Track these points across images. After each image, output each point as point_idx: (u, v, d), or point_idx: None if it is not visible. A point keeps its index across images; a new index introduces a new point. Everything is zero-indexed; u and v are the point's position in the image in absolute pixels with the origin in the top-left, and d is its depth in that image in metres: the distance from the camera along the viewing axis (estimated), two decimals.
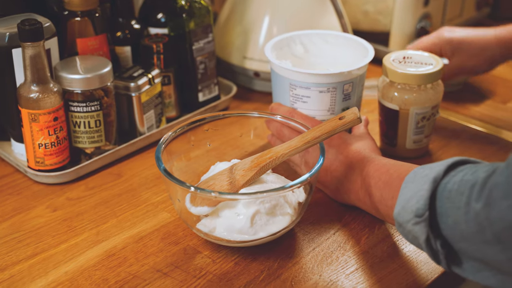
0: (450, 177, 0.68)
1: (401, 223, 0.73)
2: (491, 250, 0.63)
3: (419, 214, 0.70)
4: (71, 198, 0.94)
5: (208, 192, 0.80)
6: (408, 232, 0.73)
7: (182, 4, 1.08)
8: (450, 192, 0.67)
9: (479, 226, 0.62)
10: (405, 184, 0.74)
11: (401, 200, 0.73)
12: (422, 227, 0.70)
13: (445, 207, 0.67)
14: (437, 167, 0.71)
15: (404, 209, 0.72)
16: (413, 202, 0.71)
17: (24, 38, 0.89)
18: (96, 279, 0.80)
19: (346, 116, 0.83)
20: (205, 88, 1.13)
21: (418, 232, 0.70)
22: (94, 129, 0.98)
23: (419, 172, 0.73)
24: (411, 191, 0.72)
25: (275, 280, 0.79)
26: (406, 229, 0.72)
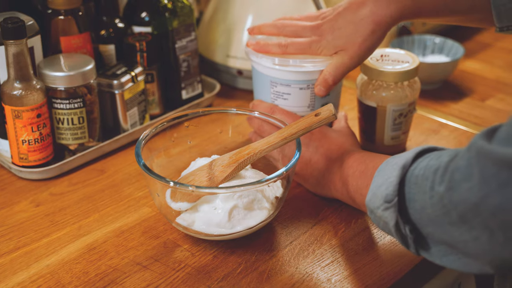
0: (417, 163, 0.71)
1: (372, 209, 0.76)
2: (457, 231, 0.65)
3: (388, 200, 0.73)
4: (55, 194, 0.95)
5: (186, 186, 0.82)
6: (378, 218, 0.76)
7: (165, 3, 1.10)
8: (416, 177, 0.70)
9: (444, 208, 0.65)
10: (378, 172, 0.77)
11: (372, 187, 0.76)
12: (391, 213, 0.72)
13: (413, 192, 0.70)
14: (406, 155, 0.74)
15: (375, 195, 0.75)
16: (383, 189, 0.74)
17: (7, 36, 0.90)
18: (76, 272, 0.81)
19: (321, 113, 0.85)
20: (188, 86, 1.15)
21: (388, 218, 0.73)
22: (77, 126, 1.00)
23: (390, 161, 0.76)
24: (382, 179, 0.75)
25: (252, 272, 0.81)
26: (377, 215, 0.75)
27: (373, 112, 1.00)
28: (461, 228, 0.64)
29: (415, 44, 1.29)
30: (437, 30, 1.41)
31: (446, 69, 1.23)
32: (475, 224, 0.62)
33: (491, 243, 0.61)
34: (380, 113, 1.00)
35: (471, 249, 0.65)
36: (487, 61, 1.37)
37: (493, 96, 1.23)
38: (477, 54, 1.40)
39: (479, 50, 1.41)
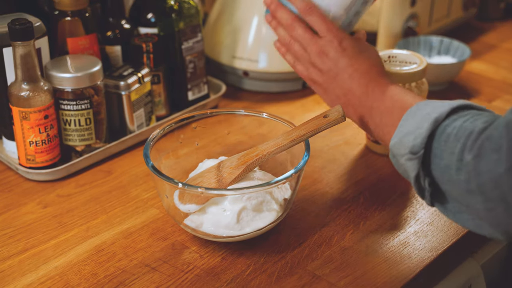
0: (451, 121, 0.69)
1: (395, 155, 0.75)
2: (473, 199, 0.65)
3: (414, 151, 0.71)
4: (62, 195, 0.95)
5: (195, 188, 0.81)
6: (400, 165, 0.75)
7: (172, 5, 1.10)
8: (448, 136, 0.68)
9: (466, 175, 0.64)
10: (406, 116, 0.74)
11: (399, 132, 0.74)
12: (415, 164, 0.71)
13: (441, 149, 0.69)
14: (441, 108, 0.71)
15: (401, 142, 0.73)
16: (410, 138, 0.72)
17: (15, 37, 0.90)
18: (85, 273, 0.81)
19: (330, 115, 0.84)
20: (194, 87, 1.15)
21: (410, 168, 0.72)
22: (84, 127, 0.99)
23: (422, 108, 0.73)
24: (411, 126, 0.73)
25: (261, 274, 0.81)
26: (399, 161, 0.74)
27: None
28: (477, 197, 0.64)
29: (421, 45, 1.29)
30: (443, 31, 1.41)
31: (453, 70, 1.22)
32: (493, 196, 0.62)
33: (506, 216, 0.62)
34: None
35: (483, 217, 0.66)
36: (493, 62, 1.37)
37: (499, 97, 1.23)
38: (482, 55, 1.39)
39: (484, 51, 1.41)
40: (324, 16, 0.89)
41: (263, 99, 1.23)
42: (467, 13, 1.48)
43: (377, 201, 0.94)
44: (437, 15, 1.38)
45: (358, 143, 1.08)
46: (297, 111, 1.19)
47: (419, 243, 0.86)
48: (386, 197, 0.94)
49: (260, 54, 1.21)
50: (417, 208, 0.92)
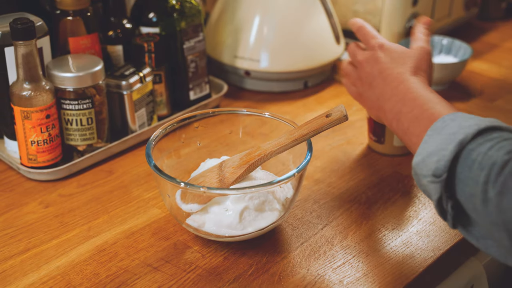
0: (476, 145, 0.67)
1: (417, 173, 0.72)
2: (498, 233, 0.63)
3: (437, 174, 0.69)
4: (63, 195, 0.95)
5: (198, 187, 0.81)
6: (422, 185, 0.72)
7: (173, 4, 1.10)
8: (473, 162, 0.66)
9: (491, 209, 0.63)
10: (431, 132, 0.72)
11: (422, 150, 0.71)
12: (437, 187, 0.69)
13: (465, 175, 0.66)
14: (467, 129, 0.68)
15: (424, 162, 0.71)
16: (433, 159, 0.69)
17: (17, 37, 0.90)
18: (87, 273, 0.81)
19: (333, 114, 0.84)
20: (196, 87, 1.15)
21: (432, 191, 0.70)
22: (86, 126, 0.99)
23: (448, 126, 0.70)
24: (435, 145, 0.70)
25: (264, 274, 0.81)
26: (421, 181, 0.72)
27: None
28: (502, 233, 0.63)
29: None
30: (444, 30, 1.41)
31: (455, 69, 1.22)
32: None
33: None
34: None
35: (510, 251, 0.64)
36: (495, 62, 1.37)
37: (501, 97, 1.23)
38: (484, 54, 1.39)
39: (486, 50, 1.41)
40: (371, 29, 0.93)
41: (264, 98, 1.22)
42: (468, 13, 1.48)
43: (379, 200, 0.94)
44: (439, 14, 1.38)
45: (360, 142, 1.08)
46: (299, 110, 1.18)
47: (421, 243, 0.86)
48: (388, 197, 0.94)
49: (262, 54, 1.21)
50: (419, 207, 0.92)
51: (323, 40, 1.24)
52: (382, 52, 0.89)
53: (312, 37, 1.22)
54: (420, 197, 0.94)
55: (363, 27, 0.94)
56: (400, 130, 0.81)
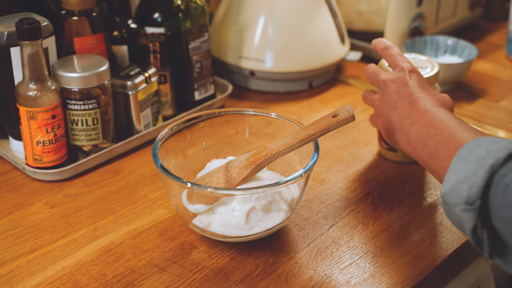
0: (508, 169, 0.64)
1: (448, 203, 0.69)
2: None
3: (470, 202, 0.66)
4: (69, 195, 0.95)
5: (205, 188, 0.81)
6: (453, 214, 0.69)
7: (178, 4, 1.09)
8: (506, 187, 0.63)
9: None
10: (458, 159, 0.69)
11: (451, 177, 0.69)
12: (471, 216, 0.66)
13: (499, 200, 0.64)
14: (496, 153, 0.66)
15: (455, 190, 0.68)
16: (465, 186, 0.67)
17: (22, 37, 0.90)
18: (94, 274, 0.81)
19: (339, 114, 0.84)
20: (201, 87, 1.15)
21: (466, 220, 0.67)
22: (91, 127, 0.99)
23: (475, 151, 0.68)
24: (464, 172, 0.67)
25: (271, 274, 0.80)
26: (453, 211, 0.69)
27: None
28: None
29: (428, 45, 1.29)
30: (449, 31, 1.41)
31: (460, 70, 1.22)
32: None
33: None
34: None
35: None
36: (499, 62, 1.37)
37: (507, 97, 1.23)
38: (488, 55, 1.39)
39: (490, 51, 1.41)
40: (400, 52, 0.92)
41: (269, 99, 1.22)
42: (473, 13, 1.48)
43: (385, 201, 0.93)
44: (444, 15, 1.38)
45: (366, 143, 1.08)
46: (304, 111, 1.18)
47: (428, 244, 0.85)
48: (395, 197, 0.94)
49: (267, 54, 1.21)
50: (425, 208, 0.92)
51: (327, 40, 1.23)
52: (413, 76, 0.87)
53: (317, 37, 1.22)
54: (426, 198, 0.94)
55: (390, 47, 0.93)
56: (425, 153, 0.78)
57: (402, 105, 0.85)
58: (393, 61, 0.91)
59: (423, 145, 0.79)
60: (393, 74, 0.89)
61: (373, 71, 0.92)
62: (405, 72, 0.88)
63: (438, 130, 0.77)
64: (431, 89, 0.87)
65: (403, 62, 0.90)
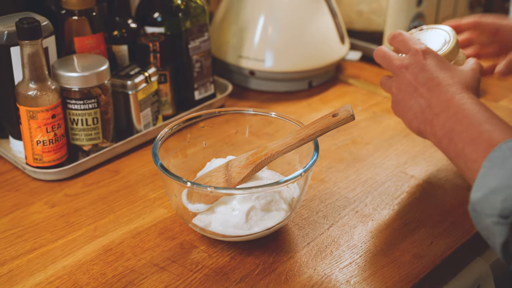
0: None
1: (478, 212, 0.65)
2: None
3: (504, 215, 0.62)
4: (69, 195, 0.95)
5: (205, 187, 0.81)
6: (482, 224, 0.66)
7: (178, 4, 1.10)
8: None
9: None
10: (490, 164, 0.65)
11: (483, 185, 0.65)
12: (504, 230, 0.63)
13: None
14: None
15: (487, 199, 0.64)
16: (499, 198, 0.63)
17: (23, 37, 0.90)
18: (94, 273, 0.81)
19: (339, 114, 0.84)
20: (201, 87, 1.15)
21: (497, 233, 0.64)
22: (91, 126, 0.99)
23: (510, 157, 0.64)
24: (498, 180, 0.64)
25: (270, 274, 0.81)
26: (483, 221, 0.65)
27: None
28: None
29: None
30: None
31: None
32: None
33: None
34: None
35: None
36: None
37: (506, 97, 1.23)
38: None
39: None
40: (409, 36, 0.86)
41: (269, 98, 1.22)
42: (473, 13, 1.48)
43: (385, 200, 0.93)
44: (443, 14, 1.38)
45: (365, 142, 1.08)
46: (304, 110, 1.18)
47: (428, 243, 0.85)
48: (394, 197, 0.94)
49: (266, 54, 1.21)
50: (425, 208, 0.92)
51: (327, 40, 1.24)
52: (429, 58, 0.81)
53: (317, 37, 1.22)
54: (426, 197, 0.94)
55: (400, 34, 0.87)
56: (452, 150, 0.74)
57: (421, 92, 0.79)
58: (405, 46, 0.85)
59: (448, 141, 0.74)
60: (407, 59, 0.83)
61: (384, 55, 0.86)
62: (419, 55, 0.81)
63: (464, 126, 0.72)
64: (451, 68, 0.81)
65: (415, 44, 0.83)
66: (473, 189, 0.66)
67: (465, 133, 0.72)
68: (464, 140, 0.72)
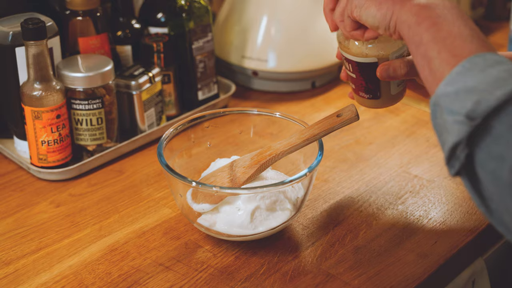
0: None
1: (441, 106, 0.61)
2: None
3: (471, 117, 0.58)
4: (74, 194, 0.95)
5: (210, 187, 0.82)
6: (441, 120, 0.61)
7: (182, 4, 1.10)
8: None
9: None
10: (471, 65, 0.60)
11: (457, 81, 0.60)
12: (463, 130, 0.58)
13: (502, 132, 0.57)
14: None
15: (458, 96, 0.59)
16: (472, 98, 0.58)
17: (28, 37, 0.90)
18: (99, 272, 0.81)
19: (343, 114, 0.84)
20: (204, 87, 1.15)
21: (455, 131, 0.59)
22: (96, 126, 0.99)
23: (496, 67, 0.59)
24: (476, 81, 0.59)
25: (275, 273, 0.81)
26: (443, 117, 0.61)
27: (374, 67, 0.86)
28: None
29: None
30: None
31: None
32: None
33: None
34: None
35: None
36: None
37: None
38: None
39: None
40: None
41: (272, 98, 1.23)
42: (474, 13, 1.48)
43: (389, 200, 0.94)
44: None
45: (369, 142, 1.08)
46: (307, 110, 1.19)
47: (432, 243, 0.86)
48: (398, 196, 0.95)
49: (269, 54, 1.21)
50: (429, 207, 0.93)
51: (330, 40, 1.24)
52: None
53: (320, 37, 1.23)
54: (430, 197, 0.94)
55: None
56: (430, 35, 0.65)
57: None
58: None
59: (431, 25, 0.66)
60: None
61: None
62: None
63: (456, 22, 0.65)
64: None
65: None
66: (444, 82, 0.61)
67: (455, 27, 0.65)
68: (452, 32, 0.64)
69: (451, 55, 0.63)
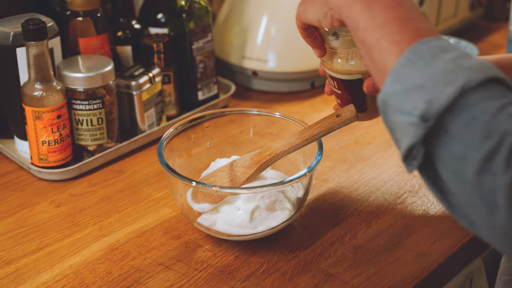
0: (480, 98, 0.54)
1: (391, 105, 0.58)
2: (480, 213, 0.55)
3: (425, 118, 0.55)
4: (74, 194, 0.96)
5: (210, 186, 0.82)
6: (392, 119, 0.59)
7: (182, 5, 1.10)
8: (473, 120, 0.53)
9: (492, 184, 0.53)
10: (415, 57, 0.57)
11: (405, 78, 0.57)
12: (418, 132, 0.56)
13: (458, 130, 0.54)
14: (470, 72, 0.55)
15: (408, 95, 0.57)
16: (423, 97, 0.55)
17: (28, 38, 0.91)
18: (100, 272, 0.82)
19: (343, 114, 0.85)
20: (204, 87, 1.15)
21: (409, 133, 0.56)
22: (96, 126, 1.00)
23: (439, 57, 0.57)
24: (424, 78, 0.56)
25: (275, 272, 0.81)
26: (393, 116, 0.58)
27: (359, 83, 0.85)
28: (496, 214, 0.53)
29: None
30: (450, 31, 1.41)
31: None
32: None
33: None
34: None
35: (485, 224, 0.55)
36: None
37: None
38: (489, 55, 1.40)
39: (491, 51, 1.42)
40: None
41: (272, 99, 1.23)
42: (474, 13, 1.48)
43: (388, 199, 0.94)
44: (444, 15, 1.39)
45: (368, 142, 1.08)
46: (306, 110, 1.19)
47: (430, 242, 0.86)
48: (397, 196, 0.95)
49: (269, 54, 1.21)
50: (428, 207, 0.93)
51: None
52: None
53: None
54: (428, 196, 0.95)
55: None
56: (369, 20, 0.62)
57: None
58: None
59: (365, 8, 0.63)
60: None
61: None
62: None
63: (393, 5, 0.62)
64: None
65: None
66: (390, 78, 0.58)
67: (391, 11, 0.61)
68: (389, 17, 0.61)
69: (391, 43, 0.60)
